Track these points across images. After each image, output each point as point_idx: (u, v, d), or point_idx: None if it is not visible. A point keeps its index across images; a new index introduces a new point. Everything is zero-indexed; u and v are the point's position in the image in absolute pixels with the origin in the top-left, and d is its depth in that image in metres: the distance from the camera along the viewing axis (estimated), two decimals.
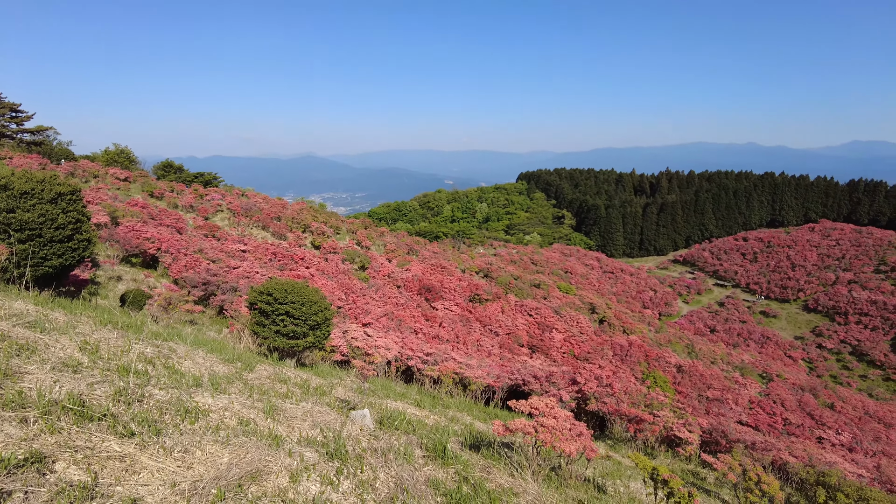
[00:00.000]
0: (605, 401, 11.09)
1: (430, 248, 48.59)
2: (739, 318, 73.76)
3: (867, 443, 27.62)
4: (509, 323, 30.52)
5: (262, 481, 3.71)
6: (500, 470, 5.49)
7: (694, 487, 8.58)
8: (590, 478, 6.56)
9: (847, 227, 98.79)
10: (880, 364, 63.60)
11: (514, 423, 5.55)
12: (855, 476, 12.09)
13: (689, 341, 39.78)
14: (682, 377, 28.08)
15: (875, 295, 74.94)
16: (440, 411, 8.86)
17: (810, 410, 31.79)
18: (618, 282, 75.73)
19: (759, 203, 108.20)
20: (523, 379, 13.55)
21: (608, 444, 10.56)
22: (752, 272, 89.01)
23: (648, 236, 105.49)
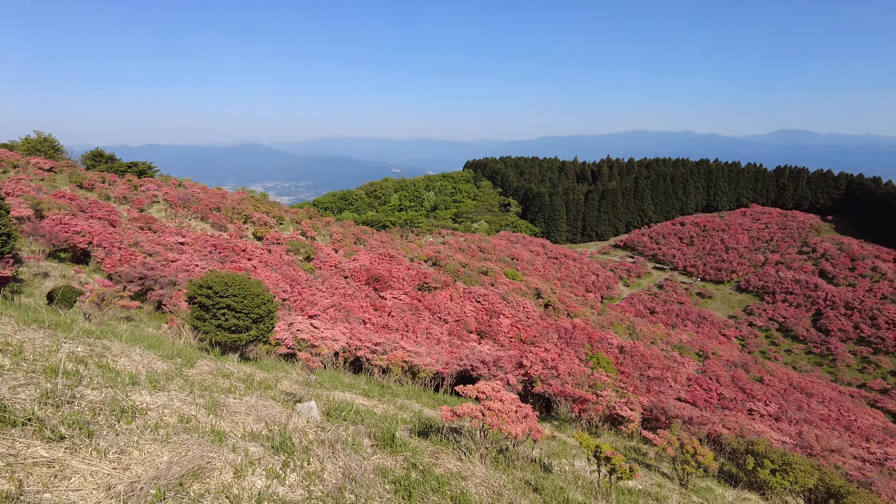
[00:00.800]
0: (550, 383, 11.39)
1: (377, 238, 48.25)
2: (677, 300, 77.07)
3: (791, 412, 29.58)
4: (458, 310, 30.76)
5: (204, 478, 3.62)
6: (448, 455, 5.56)
7: (635, 463, 8.96)
8: (536, 458, 6.74)
9: (775, 211, 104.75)
10: (803, 339, 68.09)
11: (462, 408, 5.63)
12: (780, 443, 12.94)
13: (631, 323, 41.28)
14: (624, 357, 29.14)
15: (799, 274, 79.96)
16: (389, 400, 8.87)
17: (742, 385, 33.69)
18: (562, 267, 77.51)
19: (694, 189, 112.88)
20: (472, 364, 13.72)
21: (554, 424, 10.86)
22: (688, 255, 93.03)
23: (591, 222, 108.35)
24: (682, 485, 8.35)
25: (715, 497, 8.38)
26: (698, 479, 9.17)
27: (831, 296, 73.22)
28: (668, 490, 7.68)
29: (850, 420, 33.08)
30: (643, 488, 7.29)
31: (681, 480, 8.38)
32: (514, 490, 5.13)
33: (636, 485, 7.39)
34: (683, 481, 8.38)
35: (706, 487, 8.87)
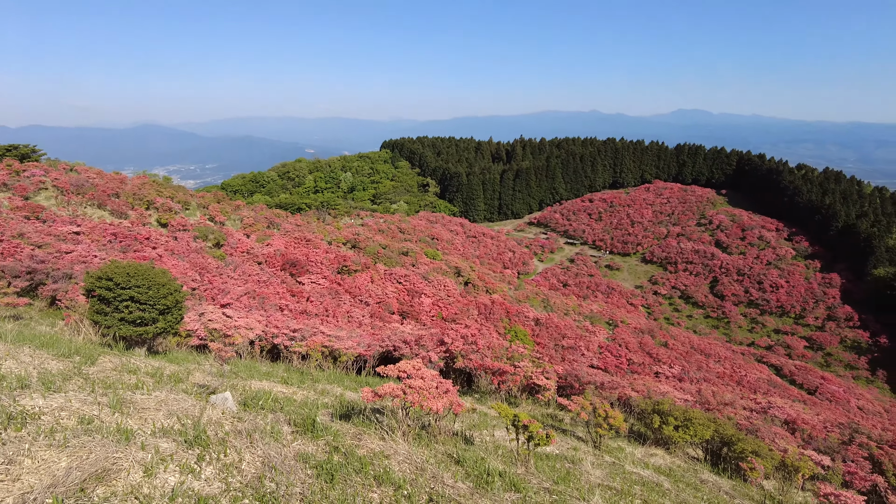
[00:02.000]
0: (470, 357, 11.66)
1: (292, 221, 46.85)
2: (588, 273, 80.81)
3: (692, 372, 32.09)
4: (379, 292, 30.63)
5: (110, 481, 3.43)
6: (371, 435, 5.59)
7: (552, 429, 9.41)
8: (458, 431, 6.91)
9: (675, 186, 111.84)
10: (702, 304, 73.76)
11: (383, 388, 5.66)
12: (682, 401, 14.02)
13: (545, 296, 42.90)
14: (540, 329, 30.30)
15: (697, 245, 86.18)
16: (309, 386, 8.74)
17: (649, 350, 36.06)
18: (480, 245, 78.99)
19: (602, 167, 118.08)
20: (394, 345, 13.77)
21: (475, 397, 11.16)
22: (597, 230, 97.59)
23: (506, 201, 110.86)
24: (596, 446, 8.87)
25: (626, 455, 8.97)
26: (610, 440, 9.78)
27: (725, 264, 79.64)
28: (584, 452, 8.14)
29: (741, 376, 36.37)
30: (560, 452, 7.69)
31: (594, 442, 8.90)
32: (437, 464, 5.25)
33: (553, 450, 7.77)
34: (597, 443, 8.91)
35: (618, 447, 9.48)
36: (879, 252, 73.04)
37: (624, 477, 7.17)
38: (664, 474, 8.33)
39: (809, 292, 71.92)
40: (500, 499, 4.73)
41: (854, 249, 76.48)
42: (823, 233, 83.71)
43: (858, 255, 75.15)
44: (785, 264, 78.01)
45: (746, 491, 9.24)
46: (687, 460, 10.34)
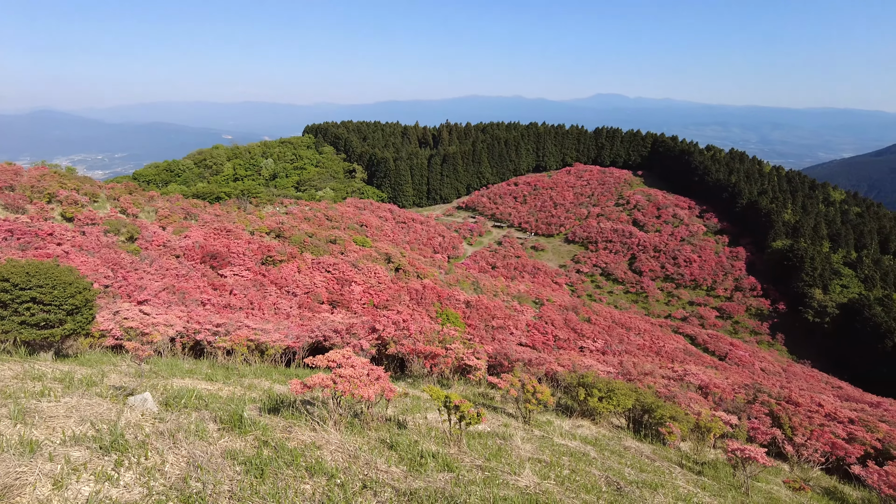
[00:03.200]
0: (402, 343, 11.70)
1: (211, 211, 44.85)
2: (515, 254, 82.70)
3: (615, 345, 33.71)
4: (307, 282, 29.99)
5: (13, 497, 3.19)
6: (302, 427, 5.50)
7: (483, 407, 9.63)
8: (391, 417, 6.93)
9: (595, 168, 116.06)
10: (622, 280, 77.37)
11: (312, 379, 5.57)
12: (605, 373, 14.72)
13: (475, 279, 43.57)
14: (471, 311, 30.79)
15: (616, 224, 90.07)
16: (235, 381, 8.47)
17: (574, 326, 37.52)
18: (410, 231, 78.91)
19: (526, 151, 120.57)
20: (324, 335, 13.56)
21: (408, 382, 11.23)
22: (523, 213, 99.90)
23: (434, 186, 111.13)
24: (526, 421, 9.17)
25: (554, 428, 9.33)
26: (539, 415, 10.13)
27: (643, 241, 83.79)
28: (514, 428, 8.39)
29: (660, 346, 38.62)
30: (491, 430, 7.89)
31: (524, 418, 9.20)
32: (370, 450, 5.25)
33: (485, 427, 7.96)
34: (527, 418, 9.20)
35: (546, 421, 9.84)
36: (778, 226, 79.33)
37: (553, 449, 7.46)
38: (590, 444, 8.74)
39: (719, 266, 77.13)
40: (434, 479, 4.80)
41: (756, 224, 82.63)
42: (730, 209, 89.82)
43: (760, 230, 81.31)
44: (697, 240, 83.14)
45: (666, 453, 9.87)
46: (612, 429, 10.89)
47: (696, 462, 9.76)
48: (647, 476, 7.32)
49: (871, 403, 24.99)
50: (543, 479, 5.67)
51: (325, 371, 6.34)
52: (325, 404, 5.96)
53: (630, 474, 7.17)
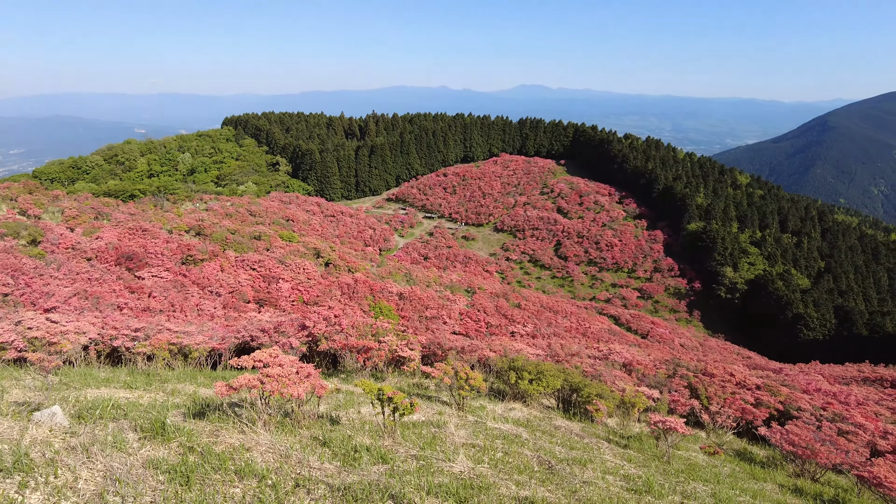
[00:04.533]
0: (334, 339, 11.54)
1: (125, 210, 42.25)
2: (446, 244, 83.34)
3: (544, 329, 34.75)
4: (231, 281, 28.91)
5: None
6: (229, 430, 5.33)
7: (417, 397, 9.68)
8: (324, 413, 6.84)
9: (520, 158, 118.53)
10: (549, 266, 79.70)
11: (239, 381, 5.40)
12: (535, 356, 15.16)
13: (408, 271, 43.56)
14: (404, 303, 30.79)
15: (542, 212, 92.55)
16: (157, 387, 8.07)
17: (505, 312, 38.32)
18: (339, 224, 77.69)
19: (453, 142, 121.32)
20: (251, 335, 13.16)
21: (341, 377, 11.10)
22: (453, 203, 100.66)
23: (363, 178, 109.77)
24: (460, 408, 9.30)
25: (487, 413, 9.52)
26: (473, 400, 10.30)
27: (567, 228, 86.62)
28: (448, 415, 8.50)
29: (586, 328, 40.17)
30: (426, 419, 7.94)
31: (458, 404, 9.32)
32: (303, 448, 5.17)
33: (420, 417, 8.01)
34: (460, 405, 9.33)
35: (480, 406, 10.02)
36: (691, 209, 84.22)
37: (486, 433, 7.62)
38: (522, 425, 8.99)
39: (639, 249, 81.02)
40: (368, 472, 4.79)
41: (672, 208, 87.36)
42: (648, 195, 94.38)
43: (676, 213, 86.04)
44: (618, 225, 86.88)
45: (594, 430, 10.32)
46: (542, 410, 11.25)
47: (622, 436, 10.25)
48: (576, 453, 7.63)
49: (775, 370, 27.19)
50: (477, 464, 5.79)
51: (251, 372, 6.16)
52: (253, 405, 5.79)
53: (561, 453, 7.45)
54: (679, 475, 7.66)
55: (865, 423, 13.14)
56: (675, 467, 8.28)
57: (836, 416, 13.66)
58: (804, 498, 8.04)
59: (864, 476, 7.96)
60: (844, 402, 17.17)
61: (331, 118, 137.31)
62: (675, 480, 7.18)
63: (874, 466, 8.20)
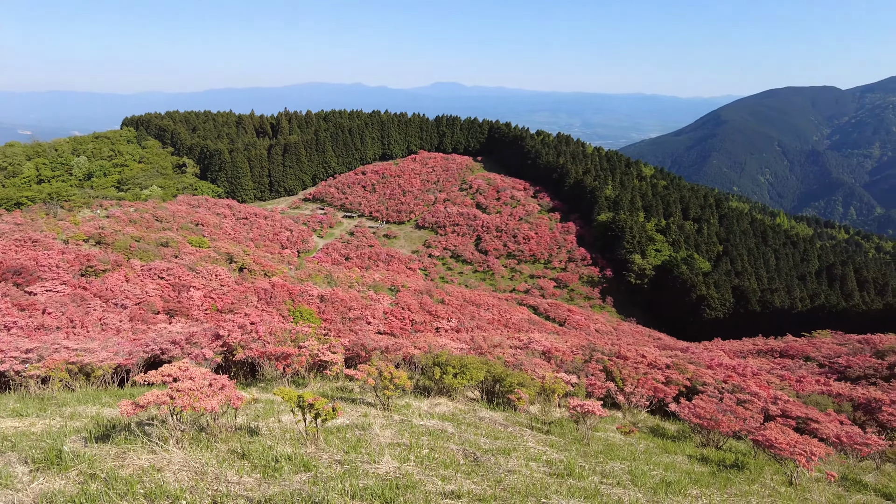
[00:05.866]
0: (251, 347, 11.14)
1: (10, 220, 38.57)
2: (368, 244, 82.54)
3: (467, 322, 35.28)
4: (138, 291, 27.14)
5: None
6: (138, 451, 5.00)
7: (341, 400, 9.53)
8: (242, 425, 6.58)
9: (438, 155, 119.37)
10: (470, 261, 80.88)
11: (146, 398, 5.08)
12: (459, 350, 15.35)
13: (328, 272, 42.73)
14: (326, 305, 30.20)
15: (461, 208, 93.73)
16: (54, 412, 7.43)
17: (429, 308, 38.52)
18: (253, 227, 74.97)
19: (371, 139, 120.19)
20: (161, 348, 12.42)
21: (260, 386, 10.73)
22: (372, 202, 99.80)
23: (277, 178, 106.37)
24: (385, 408, 9.26)
25: (413, 410, 9.54)
26: (398, 399, 10.28)
27: (486, 223, 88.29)
28: (373, 416, 8.43)
29: (507, 319, 41.18)
30: (351, 422, 7.84)
31: (383, 405, 9.27)
32: (220, 463, 4.95)
33: (344, 421, 7.89)
34: (386, 405, 9.29)
35: (405, 404, 10.02)
36: (601, 201, 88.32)
37: (412, 431, 7.63)
38: (448, 420, 9.09)
39: (554, 240, 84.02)
40: (290, 482, 4.67)
41: (583, 201, 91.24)
42: (560, 188, 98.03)
43: (587, 205, 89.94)
44: (533, 219, 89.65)
45: (517, 419, 10.60)
46: (467, 403, 11.42)
47: (544, 423, 10.61)
48: (501, 443, 7.81)
49: (682, 349, 29.15)
50: (403, 463, 5.79)
51: (160, 387, 5.82)
52: (164, 423, 5.47)
53: (486, 444, 7.60)
54: (598, 456, 8.02)
55: (759, 392, 14.38)
56: (595, 448, 8.67)
57: (735, 387, 14.84)
58: (709, 465, 8.66)
59: (759, 440, 8.69)
60: (742, 373, 18.70)
61: (241, 116, 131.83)
62: (594, 461, 7.52)
63: (766, 430, 8.97)
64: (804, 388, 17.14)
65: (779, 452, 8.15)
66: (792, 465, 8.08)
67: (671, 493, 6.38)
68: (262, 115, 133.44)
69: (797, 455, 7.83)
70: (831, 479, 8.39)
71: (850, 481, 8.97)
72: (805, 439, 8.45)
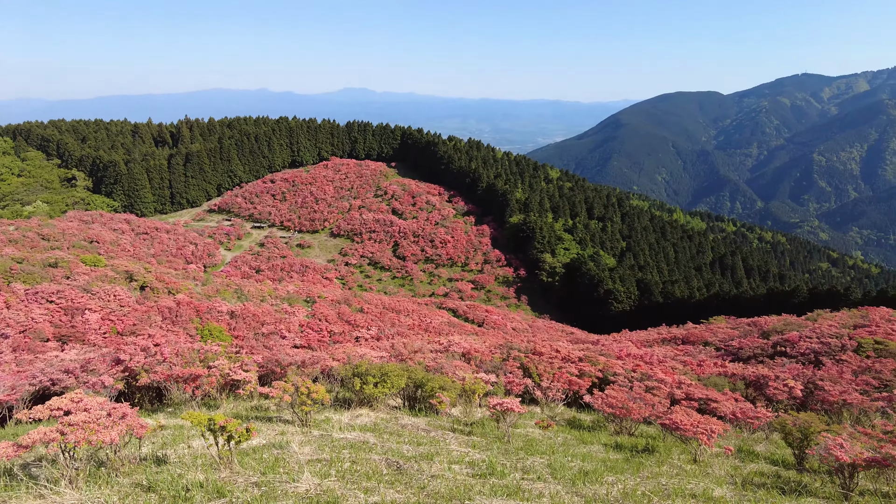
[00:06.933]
0: (156, 370, 10.45)
1: None
2: (280, 255, 80.00)
3: (387, 329, 35.04)
4: (23, 318, 24.64)
5: None
6: (22, 497, 4.54)
7: (256, 421, 9.17)
8: (148, 455, 6.16)
9: (351, 161, 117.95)
10: (388, 267, 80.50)
11: (30, 437, 4.62)
12: (379, 359, 15.21)
13: (238, 286, 40.92)
14: (237, 322, 28.93)
15: (377, 215, 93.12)
16: None
17: (347, 318, 37.86)
18: (155, 242, 70.56)
19: (279, 146, 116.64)
20: (52, 378, 11.36)
21: (168, 411, 10.10)
22: (283, 211, 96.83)
23: (179, 189, 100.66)
24: (304, 424, 8.99)
25: (333, 424, 9.34)
26: (318, 414, 10.03)
27: (403, 228, 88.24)
28: (291, 434, 8.17)
29: (427, 323, 41.33)
30: (267, 441, 7.55)
31: (301, 421, 9.01)
32: (122, 499, 4.60)
33: (260, 441, 7.59)
34: (304, 421, 9.03)
35: (325, 419, 9.79)
36: (512, 204, 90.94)
37: (332, 445, 7.47)
38: (369, 430, 8.98)
39: (469, 243, 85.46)
40: None
41: (496, 204, 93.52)
42: (473, 192, 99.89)
43: (499, 208, 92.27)
44: (449, 223, 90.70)
45: (439, 422, 10.65)
46: (389, 411, 11.34)
47: (466, 424, 10.73)
48: (423, 448, 7.82)
49: (594, 342, 30.57)
50: (324, 479, 5.66)
51: (50, 423, 5.32)
52: (54, 462, 5.00)
53: (409, 451, 7.57)
54: (518, 452, 8.22)
55: (665, 378, 15.34)
56: (515, 445, 8.88)
57: (644, 375, 15.73)
58: (623, 452, 9.12)
59: (667, 423, 9.27)
60: (649, 362, 19.88)
61: (137, 125, 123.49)
62: (515, 458, 7.70)
63: (673, 414, 9.59)
64: (704, 372, 18.48)
65: (684, 433, 8.73)
66: (696, 444, 8.71)
67: (589, 482, 6.66)
68: (160, 123, 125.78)
69: (699, 434, 8.44)
70: (729, 453, 9.11)
71: (744, 452, 9.79)
72: (706, 419, 9.13)
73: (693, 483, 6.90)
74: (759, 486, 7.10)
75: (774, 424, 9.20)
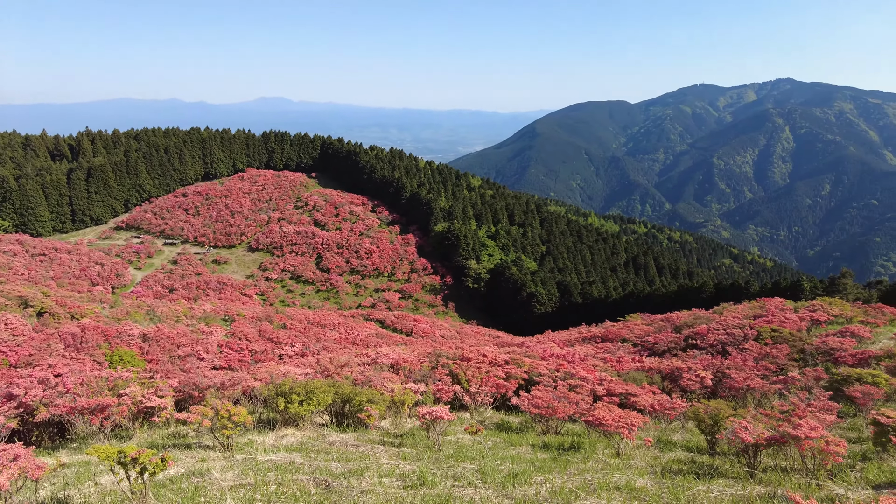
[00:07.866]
0: (57, 403, 9.62)
1: None
2: (195, 272, 76.26)
3: (313, 345, 34.20)
4: None
5: None
6: None
7: (173, 449, 8.67)
8: (46, 498, 5.66)
9: (269, 173, 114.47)
10: (312, 281, 78.72)
11: None
12: (304, 376, 14.80)
13: (150, 307, 38.55)
14: (150, 345, 27.25)
15: (298, 227, 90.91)
16: None
17: (269, 335, 36.59)
18: (54, 263, 65.27)
19: (191, 158, 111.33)
20: None
21: (72, 447, 9.33)
22: (197, 226, 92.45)
23: (81, 206, 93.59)
24: (226, 448, 8.60)
25: (257, 447, 8.99)
26: (240, 437, 9.62)
27: (326, 240, 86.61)
28: (212, 460, 7.78)
29: (355, 336, 40.70)
30: (186, 470, 7.16)
31: (223, 445, 8.61)
32: None
33: (178, 470, 7.18)
34: (226, 445, 8.63)
35: (248, 442, 9.40)
36: (436, 212, 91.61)
37: (257, 469, 7.19)
38: (296, 450, 8.72)
39: (395, 253, 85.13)
40: None
41: (420, 213, 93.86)
42: (398, 202, 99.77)
43: (423, 217, 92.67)
44: (374, 233, 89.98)
45: (369, 437, 10.51)
46: (316, 429, 11.05)
47: (395, 436, 10.65)
48: (353, 464, 7.68)
49: (518, 344, 31.25)
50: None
51: None
52: None
53: (337, 468, 7.42)
54: (449, 460, 8.25)
55: (587, 376, 15.93)
56: (445, 453, 8.91)
57: (567, 374, 16.25)
58: (551, 451, 9.37)
59: (590, 420, 9.62)
60: (571, 361, 20.55)
61: (28, 137, 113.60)
62: (445, 466, 7.72)
63: (596, 410, 9.97)
64: (623, 367, 19.36)
65: (607, 429, 9.10)
66: (618, 438, 9.10)
67: (518, 483, 6.79)
68: (57, 135, 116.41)
69: (621, 428, 8.83)
70: (649, 444, 9.59)
71: (663, 443, 10.33)
72: (627, 413, 9.57)
73: (617, 476, 7.20)
74: (677, 473, 7.51)
75: (689, 413, 9.80)
